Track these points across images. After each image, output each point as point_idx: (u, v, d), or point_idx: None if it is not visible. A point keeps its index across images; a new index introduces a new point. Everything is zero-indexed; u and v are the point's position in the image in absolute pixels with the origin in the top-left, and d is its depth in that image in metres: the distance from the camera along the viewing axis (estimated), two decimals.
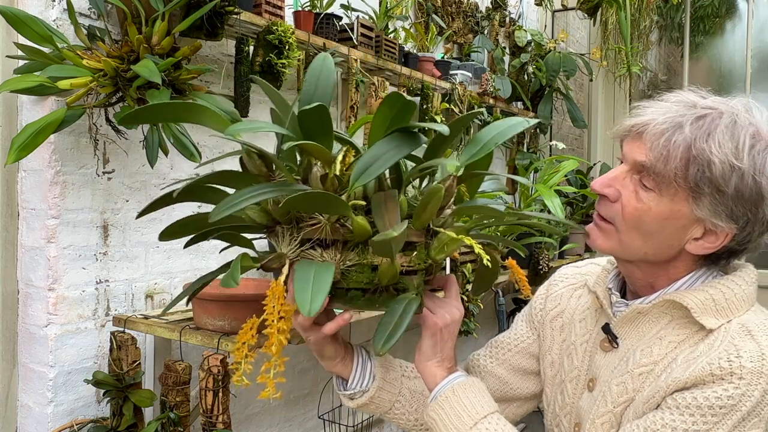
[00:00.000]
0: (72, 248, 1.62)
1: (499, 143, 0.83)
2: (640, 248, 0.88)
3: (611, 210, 0.89)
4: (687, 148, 0.81)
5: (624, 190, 0.87)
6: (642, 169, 0.85)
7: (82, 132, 1.60)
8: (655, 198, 0.84)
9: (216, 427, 1.46)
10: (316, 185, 0.78)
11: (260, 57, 1.91)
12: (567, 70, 3.59)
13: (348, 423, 2.46)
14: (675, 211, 0.84)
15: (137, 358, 1.60)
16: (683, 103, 0.85)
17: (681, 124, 0.82)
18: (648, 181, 0.84)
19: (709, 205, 0.82)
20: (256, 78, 0.91)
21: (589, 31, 4.46)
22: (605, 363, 0.94)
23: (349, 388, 0.98)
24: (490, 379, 1.09)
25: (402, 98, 0.75)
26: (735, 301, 0.86)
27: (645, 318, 0.91)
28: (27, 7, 1.54)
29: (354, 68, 2.29)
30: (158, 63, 1.46)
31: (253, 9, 1.89)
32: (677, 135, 0.81)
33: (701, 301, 0.86)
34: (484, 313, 3.07)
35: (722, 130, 0.81)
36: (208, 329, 1.52)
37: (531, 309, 1.12)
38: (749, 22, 4.07)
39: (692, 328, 0.87)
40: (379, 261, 0.78)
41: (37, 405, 1.62)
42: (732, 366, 0.79)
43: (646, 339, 0.90)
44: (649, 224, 0.85)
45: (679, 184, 0.82)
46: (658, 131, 0.83)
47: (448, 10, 3.28)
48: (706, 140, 0.81)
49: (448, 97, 2.97)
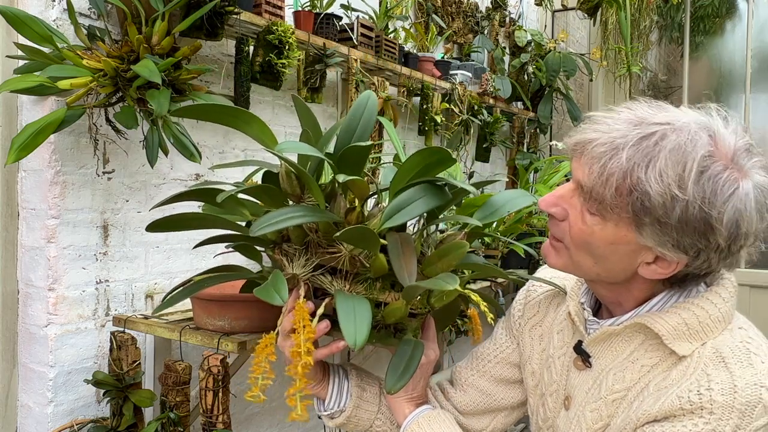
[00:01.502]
0: (72, 248, 1.62)
1: (511, 212, 0.92)
2: (591, 269, 0.83)
3: (559, 229, 0.85)
4: (623, 176, 0.74)
5: (571, 210, 0.82)
6: (584, 191, 0.79)
7: (82, 132, 1.60)
8: (600, 222, 0.79)
9: (216, 427, 1.46)
10: (340, 215, 0.80)
11: (260, 57, 1.91)
12: (567, 70, 3.59)
13: None
14: (620, 237, 0.78)
15: (137, 358, 1.60)
16: (629, 121, 0.77)
17: (620, 147, 0.75)
18: (591, 205, 0.79)
19: (652, 234, 0.76)
20: (296, 97, 0.92)
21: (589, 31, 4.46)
22: (579, 382, 0.91)
23: (327, 408, 1.00)
24: (473, 392, 1.07)
25: (440, 153, 0.77)
26: (710, 323, 0.80)
27: (618, 338, 0.87)
28: (27, 7, 1.54)
29: (354, 68, 2.29)
30: (158, 63, 1.46)
31: (253, 9, 1.89)
32: (614, 161, 0.75)
33: (672, 327, 0.80)
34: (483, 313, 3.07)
35: (666, 156, 0.73)
36: (208, 329, 1.52)
37: (510, 317, 1.08)
38: (749, 22, 4.07)
39: (665, 351, 0.83)
40: (384, 298, 0.81)
41: (37, 405, 1.62)
42: (702, 400, 0.74)
43: (619, 360, 0.86)
44: (597, 248, 0.80)
45: (619, 212, 0.76)
46: (596, 154, 0.77)
47: (448, 10, 3.28)
48: (645, 169, 0.73)
49: (448, 97, 2.97)
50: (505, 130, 3.65)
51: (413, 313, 0.86)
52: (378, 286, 0.81)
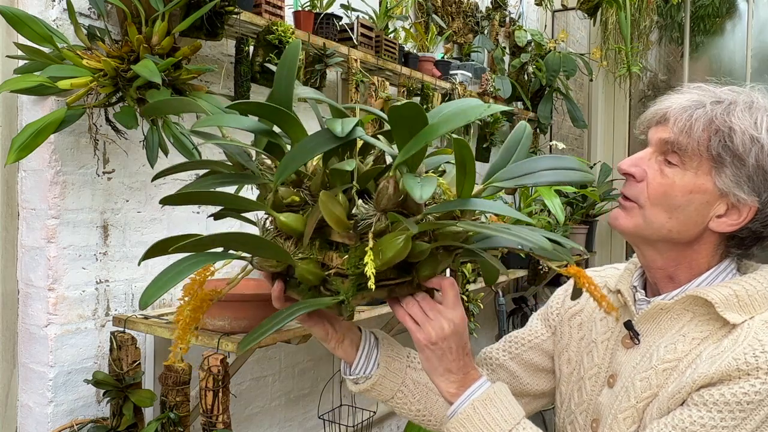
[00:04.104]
0: (72, 248, 1.62)
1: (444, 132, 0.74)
2: (663, 224, 0.89)
3: (636, 189, 0.91)
4: (709, 120, 0.85)
5: (649, 169, 0.90)
6: (666, 146, 0.88)
7: (82, 132, 1.60)
8: (679, 172, 0.87)
9: (216, 427, 1.46)
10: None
11: (260, 57, 1.92)
12: (567, 70, 3.59)
13: (348, 423, 2.46)
14: (698, 185, 0.87)
15: (137, 358, 1.60)
16: (702, 89, 0.91)
17: (702, 102, 0.87)
18: (672, 157, 0.88)
19: (731, 175, 0.85)
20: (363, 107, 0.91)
21: (589, 31, 4.46)
22: (627, 359, 0.95)
23: (353, 372, 0.99)
24: (502, 372, 1.11)
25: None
26: (757, 298, 0.87)
27: (667, 315, 0.92)
28: (27, 7, 1.54)
29: (354, 68, 2.29)
30: (158, 63, 1.46)
31: (253, 9, 1.89)
32: (699, 110, 0.86)
33: (725, 296, 0.86)
34: (484, 313, 3.07)
35: (741, 108, 0.86)
36: (208, 329, 1.52)
37: (548, 308, 1.14)
38: (749, 22, 4.07)
39: (715, 325, 0.88)
40: (326, 260, 0.79)
41: (37, 405, 1.62)
42: (758, 361, 0.79)
43: (668, 336, 0.91)
44: (674, 198, 0.88)
45: (701, 155, 0.85)
46: (680, 107, 0.88)
47: (448, 10, 3.28)
48: (727, 114, 0.85)
49: (448, 97, 2.97)
50: (505, 130, 3.65)
51: (343, 274, 0.79)
52: (317, 245, 0.79)
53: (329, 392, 2.43)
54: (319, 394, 2.39)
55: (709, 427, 0.79)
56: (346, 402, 2.50)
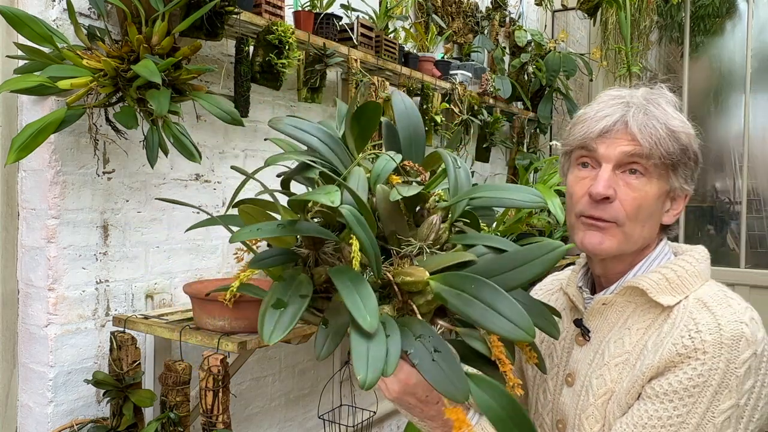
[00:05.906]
0: (72, 248, 1.62)
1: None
2: (640, 235, 0.91)
3: (613, 209, 0.90)
4: (665, 128, 0.89)
5: (617, 187, 0.90)
6: (631, 158, 0.89)
7: (82, 132, 1.60)
8: (646, 182, 0.90)
9: (216, 427, 1.46)
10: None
11: (260, 57, 1.92)
12: (567, 70, 3.59)
13: (348, 423, 2.46)
14: (661, 188, 0.91)
15: (137, 358, 1.60)
16: (619, 96, 0.94)
17: (641, 107, 0.90)
18: (638, 167, 0.89)
19: (682, 173, 0.91)
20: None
21: (589, 31, 4.46)
22: (581, 357, 0.97)
23: None
24: None
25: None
26: (687, 278, 0.90)
27: (611, 309, 0.95)
28: (27, 7, 1.54)
29: (354, 68, 2.29)
30: (158, 63, 1.46)
31: (253, 9, 1.89)
32: (652, 120, 0.89)
33: (655, 281, 0.90)
34: None
35: (671, 108, 0.92)
36: (208, 329, 1.52)
37: None
38: (749, 22, 4.07)
39: (655, 312, 0.90)
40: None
41: (37, 405, 1.62)
42: (694, 342, 0.82)
43: (615, 329, 0.93)
44: (647, 208, 0.90)
45: (665, 162, 0.89)
46: (639, 120, 0.89)
47: (448, 10, 3.28)
48: (669, 118, 0.90)
49: (448, 97, 2.97)
50: (505, 130, 3.65)
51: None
52: None
53: (329, 392, 2.43)
54: (319, 394, 2.39)
55: (665, 419, 0.82)
56: (346, 402, 2.50)
